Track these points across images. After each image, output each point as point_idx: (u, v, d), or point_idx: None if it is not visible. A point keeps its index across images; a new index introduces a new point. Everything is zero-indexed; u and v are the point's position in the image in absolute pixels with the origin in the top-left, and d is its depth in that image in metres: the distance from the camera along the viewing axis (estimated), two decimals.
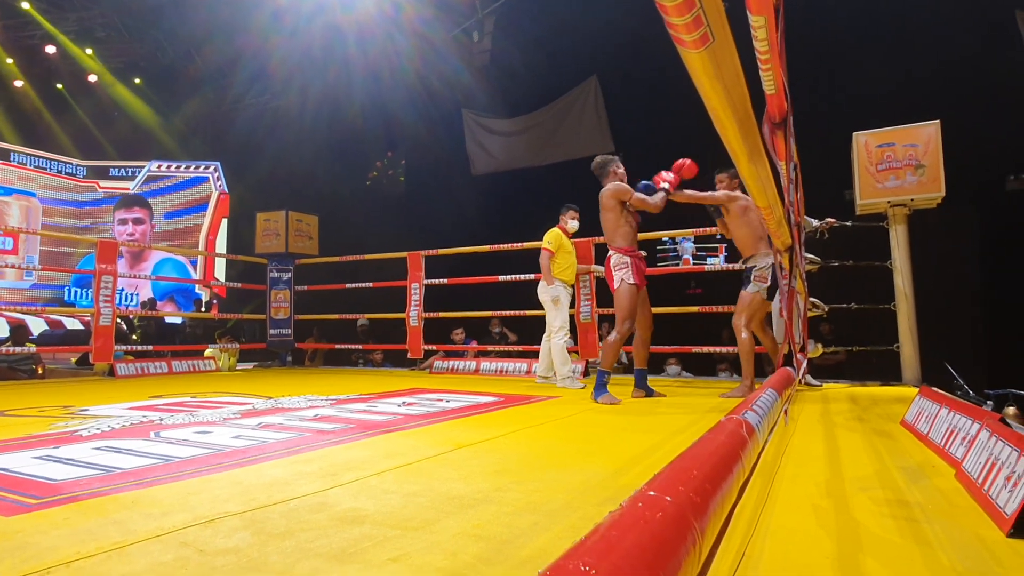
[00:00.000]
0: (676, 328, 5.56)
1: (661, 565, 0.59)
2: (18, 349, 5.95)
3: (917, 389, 2.98)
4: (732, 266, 5.20)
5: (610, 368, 3.72)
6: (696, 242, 5.29)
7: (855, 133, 4.81)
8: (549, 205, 5.36)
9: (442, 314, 6.54)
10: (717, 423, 1.41)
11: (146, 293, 10.84)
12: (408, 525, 1.30)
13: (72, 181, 11.65)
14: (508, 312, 6.14)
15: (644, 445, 2.29)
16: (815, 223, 4.76)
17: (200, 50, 10.43)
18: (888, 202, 4.65)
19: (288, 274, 7.47)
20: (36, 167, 11.10)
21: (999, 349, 5.80)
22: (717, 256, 5.27)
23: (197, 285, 11.66)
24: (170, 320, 9.72)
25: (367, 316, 7.59)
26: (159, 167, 11.97)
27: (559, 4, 7.83)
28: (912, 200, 4.59)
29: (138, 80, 11.26)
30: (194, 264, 12.01)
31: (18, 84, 10.72)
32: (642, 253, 3.92)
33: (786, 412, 2.61)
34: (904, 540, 1.23)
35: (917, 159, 4.57)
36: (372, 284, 6.98)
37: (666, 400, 3.78)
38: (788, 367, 3.61)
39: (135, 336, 7.79)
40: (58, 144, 11.46)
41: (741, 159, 1.95)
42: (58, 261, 11.07)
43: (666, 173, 3.86)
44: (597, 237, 5.10)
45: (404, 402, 3.58)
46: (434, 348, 6.69)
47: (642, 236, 5.12)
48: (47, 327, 9.24)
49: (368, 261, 7.17)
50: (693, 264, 5.46)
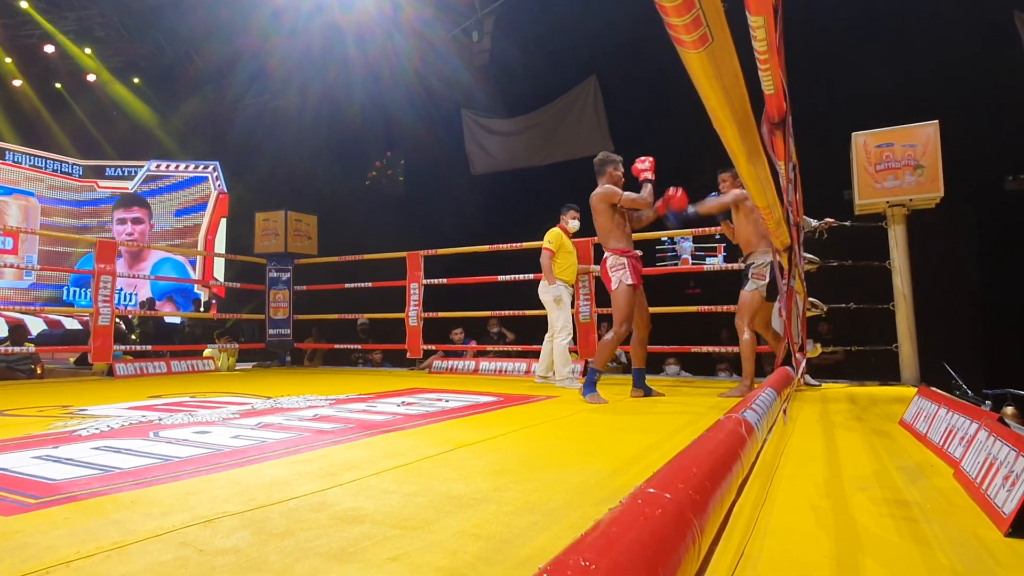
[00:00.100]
0: (675, 328, 5.56)
1: (661, 562, 0.59)
2: (17, 349, 5.94)
3: (916, 389, 2.99)
4: (731, 266, 5.21)
5: (603, 367, 3.72)
6: (695, 242, 5.29)
7: (854, 133, 4.82)
8: (548, 205, 5.36)
9: (441, 314, 6.54)
10: (716, 422, 1.41)
11: (145, 293, 10.83)
12: (407, 524, 1.30)
13: (71, 181, 11.64)
14: (507, 312, 6.14)
15: (643, 445, 2.29)
16: (814, 223, 4.76)
17: (199, 50, 10.42)
18: (887, 202, 4.66)
19: (287, 274, 7.47)
20: (32, 166, 11.07)
21: (998, 349, 5.81)
22: (716, 256, 5.27)
23: (196, 285, 11.65)
24: (169, 320, 9.71)
25: (367, 316, 7.59)
26: (158, 167, 11.96)
27: (558, 4, 7.83)
28: (911, 200, 4.60)
29: (137, 80, 11.24)
30: (193, 264, 12.00)
31: (17, 83, 10.71)
32: (638, 253, 3.92)
33: (784, 412, 2.62)
34: (903, 540, 1.23)
35: (916, 159, 4.57)
36: (371, 284, 6.97)
37: (665, 400, 3.78)
38: (787, 367, 3.62)
39: (134, 336, 7.78)
40: (57, 143, 11.44)
41: (740, 159, 1.95)
42: (57, 261, 11.06)
43: (639, 163, 3.78)
44: (596, 237, 5.11)
45: (403, 402, 3.58)
46: (433, 348, 6.69)
47: (641, 236, 5.15)
48: (46, 327, 9.23)
49: (367, 261, 7.17)
50: (692, 264, 5.45)
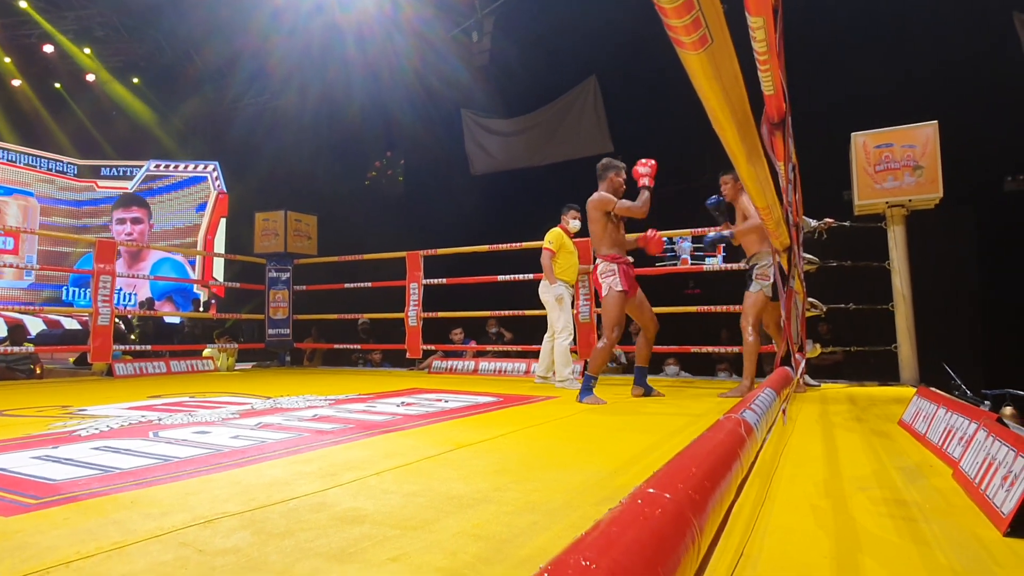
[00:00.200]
0: (675, 328, 5.56)
1: (661, 561, 0.60)
2: (16, 349, 5.94)
3: (915, 389, 2.99)
4: (731, 266, 5.21)
5: (597, 374, 3.71)
6: (694, 242, 5.28)
7: (853, 134, 4.82)
8: (548, 205, 5.36)
9: (441, 314, 6.54)
10: (715, 422, 1.41)
11: (144, 293, 10.82)
12: (407, 525, 1.30)
13: (70, 181, 11.63)
14: (507, 312, 6.14)
15: (642, 445, 2.29)
16: (813, 223, 4.76)
17: (199, 50, 10.41)
18: (886, 203, 4.66)
19: (287, 274, 7.47)
20: (27, 165, 11.04)
21: (997, 349, 5.82)
22: (716, 256, 5.26)
23: (195, 285, 11.65)
24: (168, 320, 9.71)
25: (366, 316, 7.59)
26: (158, 167, 11.96)
27: (558, 4, 7.84)
28: (910, 201, 4.60)
29: (137, 80, 11.23)
30: (192, 264, 12.00)
31: (16, 83, 10.70)
32: (629, 259, 3.90)
33: (784, 412, 2.62)
34: (902, 539, 1.23)
35: (915, 160, 4.57)
36: (371, 284, 6.97)
37: (664, 400, 3.78)
38: (786, 367, 3.62)
39: (133, 336, 7.78)
40: (56, 143, 11.43)
41: (740, 160, 1.96)
42: (56, 261, 11.05)
43: (640, 166, 3.71)
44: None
45: (403, 402, 3.58)
46: (433, 348, 6.69)
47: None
48: (45, 327, 9.22)
49: (367, 261, 7.17)
50: (691, 264, 5.45)
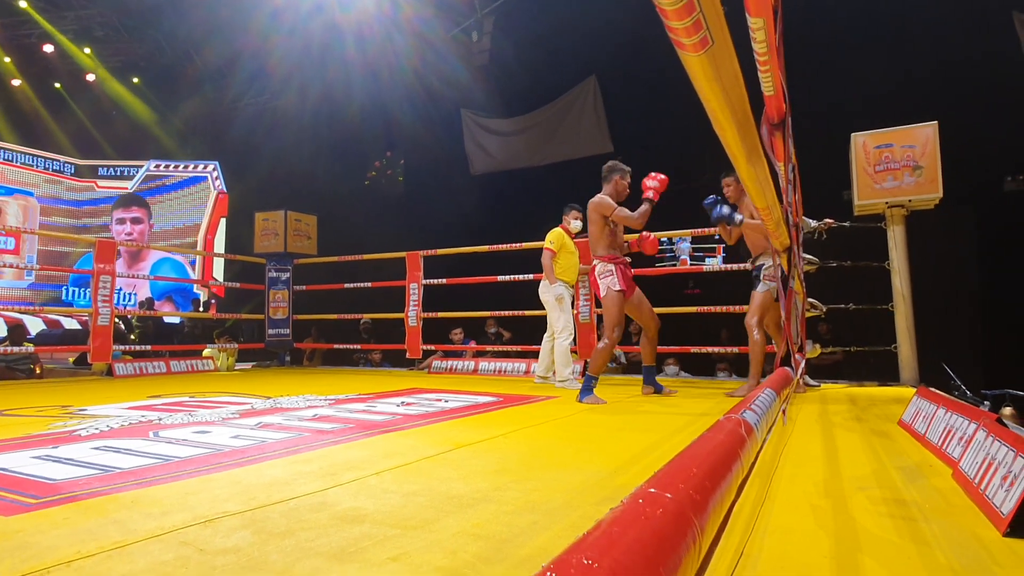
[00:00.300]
0: (675, 328, 5.56)
1: (662, 560, 0.60)
2: (16, 349, 5.94)
3: (915, 389, 2.99)
4: (730, 267, 5.21)
5: (597, 374, 3.72)
6: (694, 242, 5.29)
7: (853, 134, 4.82)
8: (548, 205, 5.36)
9: (441, 314, 6.54)
10: (716, 422, 1.41)
11: (144, 293, 10.82)
12: (408, 524, 1.30)
13: (70, 181, 11.63)
14: (507, 312, 6.13)
15: (642, 444, 2.29)
16: (813, 224, 4.77)
17: (199, 50, 10.41)
18: (886, 203, 4.66)
19: (287, 274, 7.47)
20: (23, 164, 11.02)
21: (997, 349, 5.82)
22: (715, 256, 5.27)
23: (195, 285, 11.64)
24: (168, 320, 9.71)
25: (366, 316, 7.59)
26: (157, 167, 11.96)
27: (558, 4, 7.84)
28: (910, 201, 4.60)
29: (136, 79, 11.24)
30: (192, 264, 12.00)
31: (16, 83, 10.70)
32: (627, 260, 3.92)
33: (784, 412, 2.62)
34: (902, 539, 1.24)
35: (915, 160, 4.58)
36: (371, 284, 6.97)
37: (664, 400, 3.78)
38: (786, 367, 3.63)
39: (133, 336, 7.78)
40: (56, 143, 11.42)
41: (740, 160, 1.96)
42: (56, 261, 11.05)
43: (649, 180, 3.74)
44: None
45: (403, 402, 3.58)
46: (433, 348, 6.70)
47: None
48: (45, 327, 9.22)
49: (367, 261, 7.17)
50: (690, 264, 5.46)
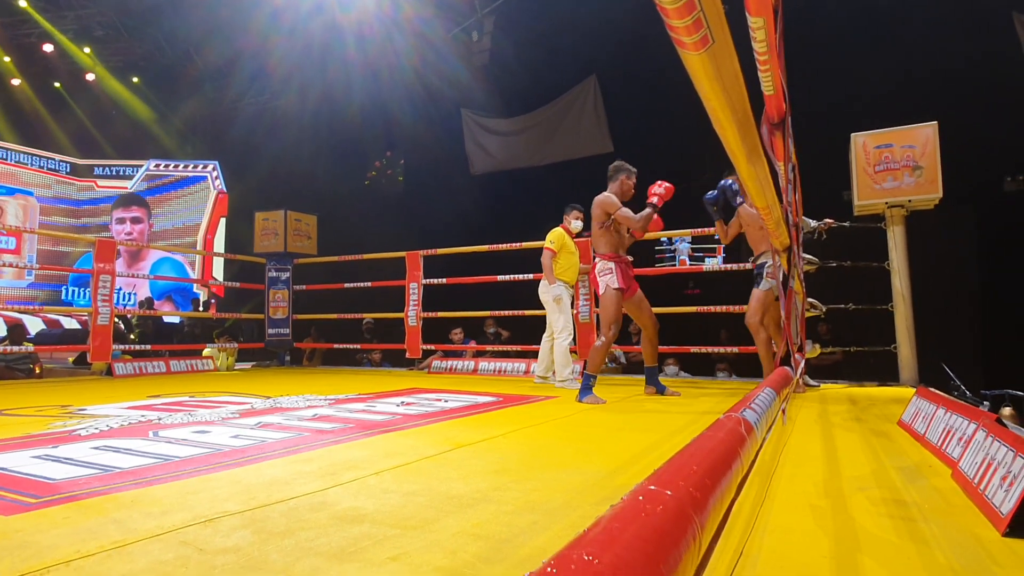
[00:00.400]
0: (675, 328, 5.56)
1: (662, 557, 0.60)
2: (15, 348, 5.94)
3: (914, 389, 2.99)
4: (730, 266, 5.21)
5: (596, 372, 3.72)
6: (694, 242, 5.29)
7: (853, 134, 4.83)
8: (548, 205, 5.36)
9: (440, 314, 6.54)
10: (716, 421, 1.41)
11: (144, 292, 10.82)
12: (407, 524, 1.30)
13: (70, 180, 11.63)
14: (507, 312, 6.13)
15: (642, 444, 2.29)
16: (813, 224, 4.77)
17: (199, 50, 10.41)
18: (886, 203, 4.66)
19: (286, 274, 7.47)
20: (26, 164, 11.02)
21: (997, 349, 5.82)
22: (715, 256, 5.27)
23: (195, 284, 11.64)
24: (168, 319, 9.71)
25: (365, 316, 7.59)
26: (157, 166, 11.96)
27: (558, 3, 7.84)
28: (910, 201, 4.61)
29: (136, 79, 11.23)
30: (192, 263, 11.99)
31: (16, 82, 10.70)
32: (628, 258, 3.91)
33: (783, 412, 2.62)
34: (901, 539, 1.24)
35: (915, 160, 4.58)
36: (371, 284, 6.97)
37: (664, 399, 3.78)
38: (786, 367, 3.63)
39: (133, 336, 7.78)
40: (56, 143, 11.43)
41: (740, 160, 1.96)
42: (55, 260, 11.05)
43: (656, 187, 3.74)
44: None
45: (403, 402, 3.58)
46: (432, 348, 6.69)
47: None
48: (44, 326, 9.22)
49: (366, 261, 7.17)
50: (690, 264, 5.45)
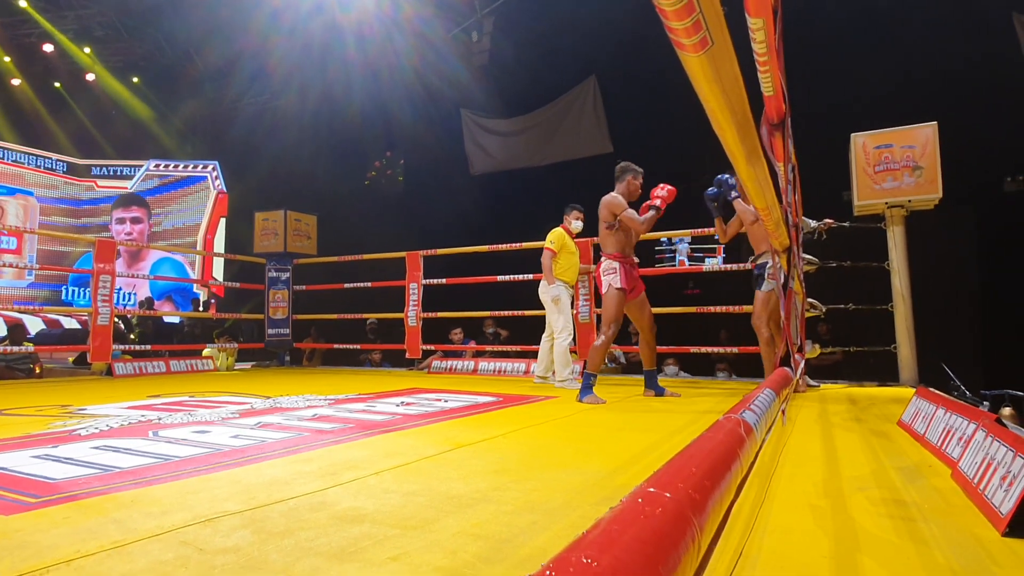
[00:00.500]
0: (675, 328, 5.56)
1: (661, 559, 0.60)
2: (15, 348, 5.94)
3: (914, 390, 2.99)
4: (730, 267, 5.21)
5: (596, 371, 3.73)
6: (694, 242, 5.28)
7: (853, 134, 4.83)
8: (547, 205, 5.36)
9: (440, 314, 6.54)
10: (715, 422, 1.41)
11: (144, 292, 10.82)
12: (407, 524, 1.31)
13: (70, 180, 11.62)
14: (507, 312, 6.13)
15: (642, 444, 2.30)
16: (813, 224, 4.77)
17: (199, 50, 10.41)
18: (886, 203, 4.66)
19: (286, 274, 7.47)
20: (26, 164, 11.00)
21: (996, 350, 5.82)
22: (715, 257, 5.26)
23: (195, 284, 11.64)
24: (168, 319, 9.70)
25: (365, 316, 7.59)
26: (157, 166, 11.96)
27: (558, 4, 7.84)
28: (909, 201, 4.61)
29: (136, 79, 11.23)
30: (192, 263, 11.99)
31: (16, 82, 10.70)
32: (634, 259, 3.91)
33: (783, 412, 2.62)
34: (901, 539, 1.24)
35: (915, 160, 4.58)
36: (371, 284, 6.97)
37: (664, 399, 3.79)
38: (785, 367, 3.62)
39: (133, 336, 7.78)
40: (56, 143, 11.42)
41: (739, 161, 1.96)
42: (55, 260, 11.05)
43: (659, 189, 3.77)
44: (596, 237, 5.12)
45: (403, 402, 3.58)
46: (432, 348, 6.70)
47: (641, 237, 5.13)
48: (44, 326, 9.22)
49: (366, 261, 7.17)
50: (689, 265, 5.44)
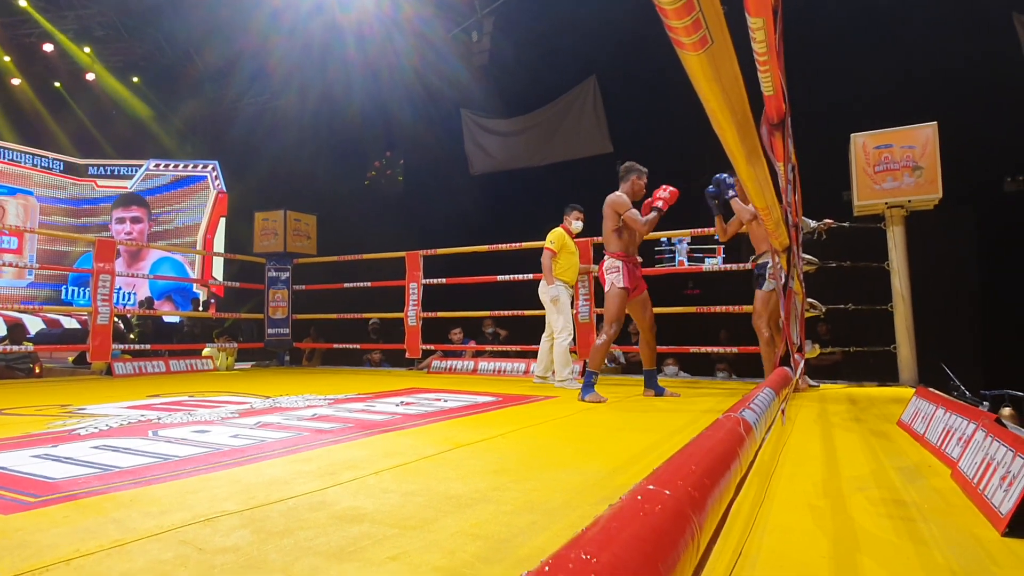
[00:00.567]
0: (674, 328, 5.56)
1: (660, 557, 0.60)
2: (15, 348, 5.93)
3: (914, 390, 2.99)
4: (730, 267, 5.21)
5: (597, 369, 3.74)
6: (694, 242, 5.27)
7: (853, 134, 4.83)
8: (547, 205, 5.35)
9: (440, 314, 6.54)
10: (715, 420, 1.41)
11: (144, 292, 10.82)
12: (406, 524, 1.31)
13: (70, 180, 11.62)
14: (506, 312, 6.14)
15: (642, 444, 2.30)
16: (813, 224, 4.77)
17: (199, 50, 10.41)
18: (885, 203, 4.66)
19: (286, 273, 7.47)
20: (26, 163, 11.00)
21: (996, 350, 5.82)
22: (715, 257, 5.26)
23: (195, 284, 11.64)
24: (168, 319, 9.70)
25: (365, 316, 7.59)
26: (157, 166, 11.96)
27: (558, 4, 7.83)
28: (909, 201, 4.61)
29: (136, 79, 11.23)
30: (192, 263, 11.99)
31: (16, 82, 10.69)
32: (637, 259, 3.92)
33: (783, 412, 2.62)
34: (900, 539, 1.24)
35: (914, 160, 4.58)
36: (370, 284, 6.97)
37: (664, 399, 3.79)
38: (785, 367, 3.62)
39: (133, 335, 7.78)
40: (56, 142, 11.42)
41: (739, 160, 1.96)
42: (55, 260, 11.05)
43: (661, 191, 3.79)
44: (596, 237, 5.12)
45: (402, 402, 3.58)
46: (432, 348, 6.69)
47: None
48: (44, 326, 9.22)
49: (366, 261, 7.17)
50: (688, 265, 5.44)
